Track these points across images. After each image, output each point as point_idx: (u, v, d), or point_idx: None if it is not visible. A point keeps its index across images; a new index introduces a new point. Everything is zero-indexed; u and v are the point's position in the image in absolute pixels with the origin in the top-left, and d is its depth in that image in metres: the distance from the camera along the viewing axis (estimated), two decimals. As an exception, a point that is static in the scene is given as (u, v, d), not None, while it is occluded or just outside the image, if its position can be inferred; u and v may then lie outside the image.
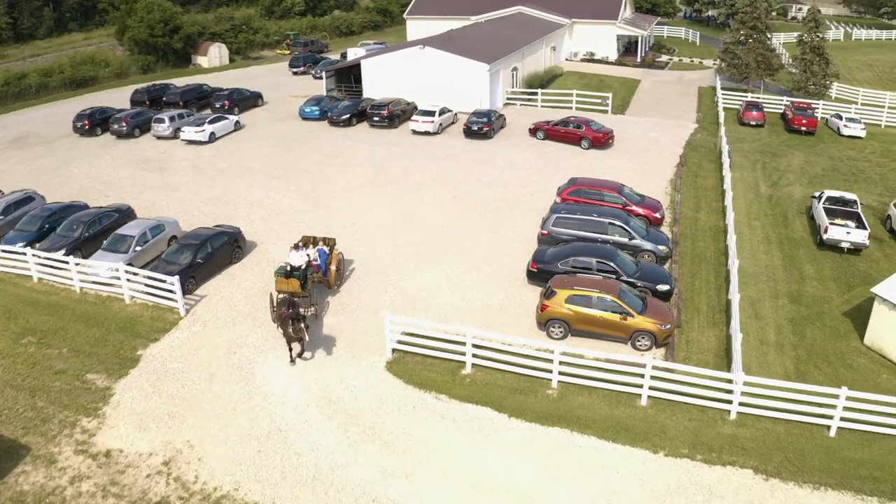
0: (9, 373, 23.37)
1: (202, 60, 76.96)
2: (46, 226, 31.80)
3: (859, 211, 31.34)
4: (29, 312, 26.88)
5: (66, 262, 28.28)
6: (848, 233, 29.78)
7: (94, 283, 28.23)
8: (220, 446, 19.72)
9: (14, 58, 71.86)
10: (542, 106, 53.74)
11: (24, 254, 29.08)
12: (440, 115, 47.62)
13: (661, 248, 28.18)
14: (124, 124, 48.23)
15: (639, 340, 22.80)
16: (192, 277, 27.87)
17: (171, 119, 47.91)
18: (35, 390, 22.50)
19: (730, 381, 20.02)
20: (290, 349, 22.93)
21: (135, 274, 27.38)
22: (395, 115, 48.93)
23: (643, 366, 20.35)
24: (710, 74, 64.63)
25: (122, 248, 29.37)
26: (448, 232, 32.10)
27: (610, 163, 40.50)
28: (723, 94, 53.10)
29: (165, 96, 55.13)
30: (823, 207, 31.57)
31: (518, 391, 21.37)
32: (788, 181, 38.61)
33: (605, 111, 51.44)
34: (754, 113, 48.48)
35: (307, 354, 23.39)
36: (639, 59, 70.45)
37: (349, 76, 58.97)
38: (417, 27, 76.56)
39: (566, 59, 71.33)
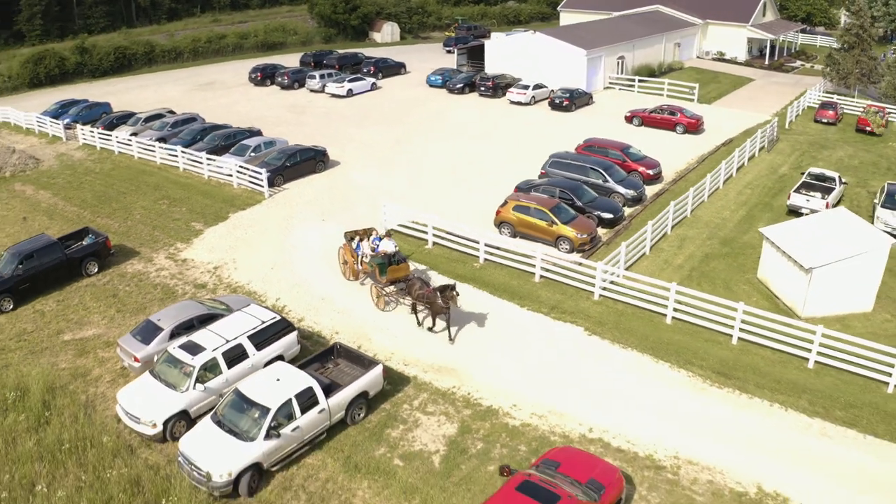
0: (144, 217, 35.27)
1: (376, 36, 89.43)
2: (199, 137, 44.06)
3: (834, 186, 35.35)
4: (170, 187, 38.91)
5: (201, 158, 40.04)
6: (808, 200, 34.26)
7: (217, 173, 39.74)
8: (250, 264, 29.94)
9: (225, 22, 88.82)
10: (637, 91, 59.52)
11: (176, 151, 41.29)
12: (534, 89, 55.41)
13: (629, 191, 34.70)
14: (286, 78, 60.92)
15: (561, 244, 29.98)
16: (281, 175, 38.57)
17: (321, 77, 59.80)
18: (156, 227, 34.10)
19: (594, 269, 26.90)
20: (447, 323, 24.18)
21: (245, 169, 38.46)
22: (498, 86, 57.41)
23: (533, 253, 27.81)
24: (830, 79, 66.07)
25: (242, 152, 40.75)
26: (487, 171, 40.13)
27: (658, 139, 46.19)
28: (810, 95, 55.91)
29: (326, 60, 67.44)
30: (803, 181, 35.97)
31: (455, 261, 29.68)
32: (815, 167, 42.31)
33: (692, 100, 56.31)
34: (829, 112, 51.28)
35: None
36: (766, 62, 72.85)
37: (481, 54, 67.84)
38: (568, 19, 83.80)
39: (696, 56, 75.27)
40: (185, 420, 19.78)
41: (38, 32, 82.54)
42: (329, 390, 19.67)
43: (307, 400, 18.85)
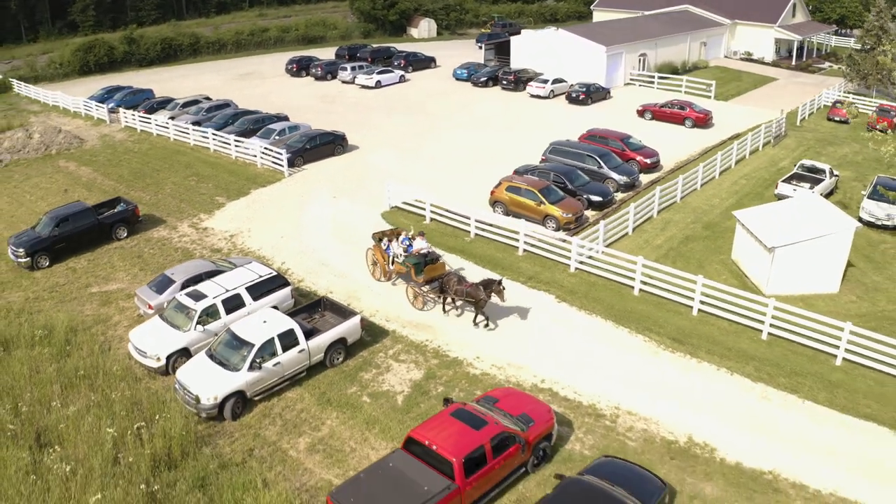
0: (174, 191, 38.59)
1: (413, 32, 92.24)
2: (230, 121, 47.36)
3: (824, 178, 36.71)
4: (200, 166, 42.22)
5: (229, 140, 43.25)
6: (794, 189, 35.71)
7: (244, 154, 42.91)
8: (263, 233, 32.89)
9: (270, 16, 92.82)
10: (657, 88, 61.03)
11: (208, 133, 44.61)
12: (553, 83, 57.51)
13: (622, 177, 36.71)
14: (319, 70, 64.16)
15: (548, 223, 32.18)
16: (301, 157, 41.53)
17: (353, 69, 62.85)
18: (183, 199, 37.33)
19: (569, 242, 29.07)
20: (485, 315, 25.22)
21: (269, 149, 41.53)
22: (520, 80, 59.64)
23: (518, 228, 30.10)
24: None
25: (267, 135, 43.88)
26: (494, 157, 42.37)
27: (667, 132, 47.85)
28: (826, 94, 56.77)
29: (360, 53, 70.51)
30: (793, 172, 37.41)
31: (448, 235, 32.15)
32: (814, 161, 43.50)
33: (708, 96, 57.66)
34: (841, 110, 52.19)
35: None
36: (793, 63, 73.41)
37: (508, 50, 70.02)
38: (601, 17, 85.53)
39: (724, 56, 76.16)
40: (185, 357, 22.64)
41: (91, 23, 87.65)
42: (310, 334, 22.33)
43: (289, 340, 21.55)
